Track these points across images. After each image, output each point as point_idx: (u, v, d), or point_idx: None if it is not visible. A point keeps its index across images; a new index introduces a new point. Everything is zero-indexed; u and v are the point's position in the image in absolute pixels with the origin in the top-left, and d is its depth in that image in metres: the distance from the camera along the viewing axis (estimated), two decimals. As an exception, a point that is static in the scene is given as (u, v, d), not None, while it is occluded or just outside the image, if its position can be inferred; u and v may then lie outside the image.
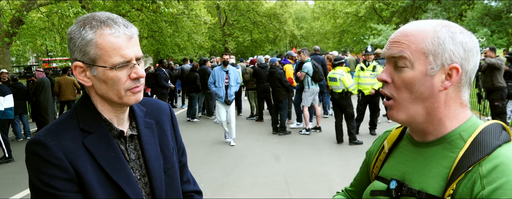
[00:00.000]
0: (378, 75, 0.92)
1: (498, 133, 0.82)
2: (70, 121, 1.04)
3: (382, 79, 0.90)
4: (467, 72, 0.85)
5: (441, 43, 0.83)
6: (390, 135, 1.05)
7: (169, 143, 1.22)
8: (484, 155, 0.78)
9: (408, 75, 0.85)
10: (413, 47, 0.84)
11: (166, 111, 1.27)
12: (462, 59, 0.83)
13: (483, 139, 0.81)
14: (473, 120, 0.88)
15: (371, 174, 1.08)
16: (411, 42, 0.85)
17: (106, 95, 1.03)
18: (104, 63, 0.99)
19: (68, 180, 0.96)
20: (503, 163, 0.75)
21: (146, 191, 1.12)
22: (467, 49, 0.84)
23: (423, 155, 0.89)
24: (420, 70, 0.84)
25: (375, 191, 0.97)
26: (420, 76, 0.84)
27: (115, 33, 0.98)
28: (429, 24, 0.86)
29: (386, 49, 0.90)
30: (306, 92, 7.51)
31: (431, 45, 0.83)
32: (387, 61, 0.90)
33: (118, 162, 1.05)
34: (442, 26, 0.85)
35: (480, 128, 0.84)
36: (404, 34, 0.87)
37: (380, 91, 0.94)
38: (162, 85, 9.58)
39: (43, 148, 0.96)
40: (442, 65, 0.83)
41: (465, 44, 0.84)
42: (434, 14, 19.44)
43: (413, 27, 0.87)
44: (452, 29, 0.85)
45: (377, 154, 1.07)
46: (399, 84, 0.87)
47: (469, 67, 0.84)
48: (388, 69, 0.90)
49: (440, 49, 0.83)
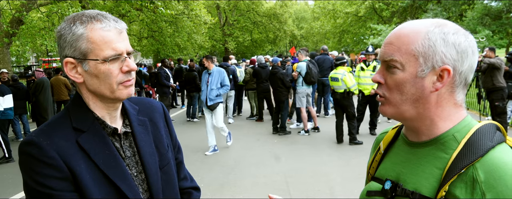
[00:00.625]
0: (373, 76, 0.93)
1: (491, 134, 0.82)
2: (63, 121, 1.03)
3: (376, 80, 0.92)
4: (461, 73, 0.84)
5: (432, 45, 0.82)
6: (386, 136, 1.06)
7: (164, 140, 1.22)
8: (477, 157, 0.78)
9: (399, 77, 0.86)
10: (403, 50, 0.85)
11: (158, 109, 1.27)
12: (454, 61, 0.83)
13: (476, 140, 0.81)
14: (468, 120, 0.87)
15: (368, 174, 1.09)
16: (403, 44, 0.85)
17: (98, 90, 1.03)
18: (96, 57, 0.99)
19: (62, 179, 0.95)
20: (499, 167, 0.75)
21: (143, 188, 1.11)
22: (460, 50, 0.83)
23: (417, 156, 0.90)
24: (410, 72, 0.84)
25: (371, 192, 0.97)
26: (411, 78, 0.84)
27: (106, 27, 0.99)
28: (422, 24, 0.86)
29: (381, 50, 0.91)
30: (298, 93, 7.50)
31: (421, 47, 0.83)
32: (381, 63, 0.91)
33: (113, 160, 1.04)
34: (435, 27, 0.84)
35: (474, 129, 0.84)
36: (397, 36, 0.87)
37: (375, 91, 0.96)
38: (163, 84, 9.59)
39: (36, 147, 0.95)
40: (433, 67, 0.83)
41: (458, 45, 0.83)
42: (434, 14, 19.43)
43: (406, 28, 0.87)
44: (446, 29, 0.84)
45: (373, 155, 1.08)
46: (391, 85, 0.88)
47: (463, 68, 0.84)
48: (381, 70, 0.91)
49: (431, 51, 0.82)
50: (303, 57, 7.55)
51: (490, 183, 0.74)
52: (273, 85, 7.86)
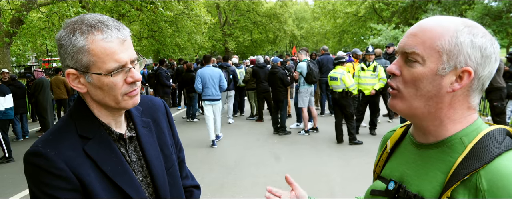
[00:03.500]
0: (388, 67, 0.88)
1: (500, 140, 0.79)
2: (68, 129, 1.01)
3: (392, 72, 0.87)
4: (480, 78, 0.82)
5: (459, 44, 0.79)
6: (394, 134, 1.04)
7: (168, 141, 1.22)
8: (483, 164, 0.75)
9: (418, 71, 0.82)
10: (428, 44, 0.81)
11: (161, 107, 1.26)
12: (477, 65, 0.80)
13: (483, 145, 0.78)
14: (478, 124, 0.84)
15: (374, 173, 1.07)
16: (428, 37, 0.81)
17: (103, 101, 1.01)
18: (99, 70, 0.95)
19: (72, 190, 0.95)
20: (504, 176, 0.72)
21: (149, 192, 1.11)
22: (486, 55, 0.80)
23: (423, 157, 0.88)
24: (431, 68, 0.81)
25: (375, 191, 0.96)
26: (430, 74, 0.81)
27: (107, 38, 0.95)
28: (452, 21, 0.82)
29: (402, 41, 0.87)
30: (301, 93, 7.51)
31: (447, 44, 0.80)
32: (400, 54, 0.87)
33: (120, 166, 1.03)
34: (465, 26, 0.81)
35: (483, 133, 0.81)
36: (423, 29, 0.83)
37: (388, 82, 0.92)
38: (163, 84, 9.58)
39: (44, 159, 0.93)
40: (455, 67, 0.80)
41: (485, 49, 0.80)
42: (434, 15, 19.40)
43: (434, 22, 0.84)
44: (475, 31, 0.81)
45: (380, 153, 1.06)
46: (407, 79, 0.85)
47: (483, 73, 0.81)
48: (399, 61, 0.87)
49: (456, 50, 0.79)
50: (303, 57, 7.56)
51: (493, 192, 0.72)
52: (272, 85, 7.87)
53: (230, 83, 9.21)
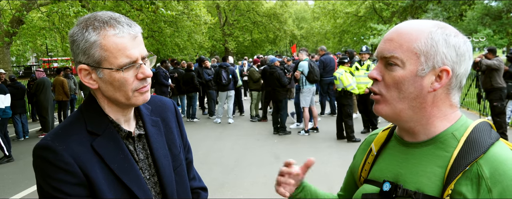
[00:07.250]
0: (369, 73, 0.92)
1: (489, 131, 0.84)
2: (77, 124, 1.02)
3: (373, 77, 0.90)
4: (457, 76, 0.85)
5: (434, 45, 0.83)
6: (377, 137, 1.04)
7: (176, 141, 1.21)
8: (480, 154, 0.79)
9: (399, 74, 0.85)
10: (405, 47, 0.84)
11: (170, 107, 1.26)
12: (453, 63, 0.84)
13: (476, 137, 0.82)
14: (464, 119, 0.89)
15: (359, 178, 1.06)
16: (405, 41, 0.84)
17: (113, 97, 1.02)
18: (110, 65, 0.97)
19: (77, 185, 0.95)
20: (503, 163, 0.77)
21: (155, 191, 1.11)
22: (460, 53, 0.84)
23: (416, 156, 0.89)
24: (411, 70, 0.84)
25: (367, 194, 0.95)
26: (410, 76, 0.84)
27: (119, 33, 0.96)
28: (425, 24, 0.86)
29: (380, 46, 0.89)
30: (303, 92, 7.53)
31: (424, 46, 0.83)
32: (379, 59, 0.90)
33: (128, 164, 1.04)
34: (438, 28, 0.85)
35: (471, 127, 0.85)
36: (399, 33, 0.86)
37: (370, 88, 0.94)
38: (161, 83, 9.58)
39: (52, 152, 0.94)
40: (433, 67, 0.83)
41: (458, 48, 0.84)
42: (435, 14, 19.44)
43: (408, 26, 0.87)
44: (447, 31, 0.85)
45: (364, 157, 1.05)
46: (389, 83, 0.87)
47: (460, 71, 0.85)
48: (379, 67, 0.89)
49: (433, 51, 0.83)
50: (303, 56, 7.61)
51: (496, 179, 0.76)
52: (271, 85, 7.86)
53: (230, 83, 9.21)
